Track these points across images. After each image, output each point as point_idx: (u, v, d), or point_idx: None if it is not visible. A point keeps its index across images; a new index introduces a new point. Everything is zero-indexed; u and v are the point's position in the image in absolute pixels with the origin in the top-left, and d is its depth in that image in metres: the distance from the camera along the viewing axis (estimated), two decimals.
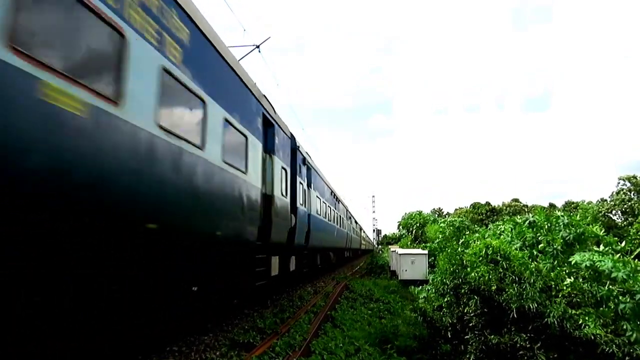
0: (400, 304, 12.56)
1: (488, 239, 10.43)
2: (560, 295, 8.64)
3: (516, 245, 11.33)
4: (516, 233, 12.16)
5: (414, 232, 30.97)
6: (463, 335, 8.53)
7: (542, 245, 10.88)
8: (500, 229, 14.24)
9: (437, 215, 54.72)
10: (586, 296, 8.51)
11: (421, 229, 29.48)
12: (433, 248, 19.32)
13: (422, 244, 23.69)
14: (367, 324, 9.38)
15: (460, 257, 9.74)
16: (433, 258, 18.03)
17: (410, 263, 17.90)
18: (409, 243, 29.22)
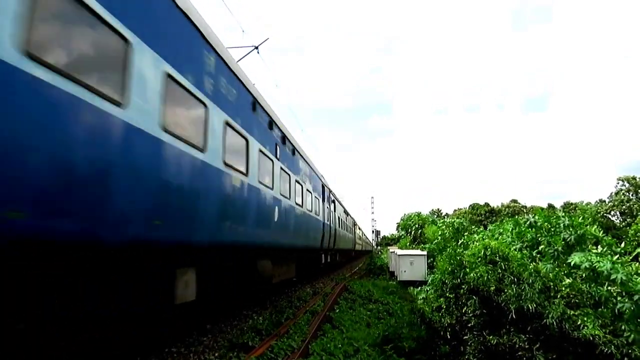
0: (399, 305, 12.55)
1: (487, 240, 10.44)
2: (559, 296, 8.65)
3: (516, 246, 11.34)
4: (516, 233, 12.18)
5: (413, 233, 30.93)
6: (462, 335, 8.54)
7: (543, 246, 10.89)
8: (500, 229, 14.27)
9: (436, 216, 54.72)
10: (585, 297, 8.53)
11: (420, 230, 29.42)
12: (432, 249, 19.33)
13: (421, 245, 23.65)
14: (366, 325, 9.37)
15: (459, 258, 9.76)
16: (432, 259, 18.03)
17: (409, 264, 17.88)
18: (408, 244, 29.19)
